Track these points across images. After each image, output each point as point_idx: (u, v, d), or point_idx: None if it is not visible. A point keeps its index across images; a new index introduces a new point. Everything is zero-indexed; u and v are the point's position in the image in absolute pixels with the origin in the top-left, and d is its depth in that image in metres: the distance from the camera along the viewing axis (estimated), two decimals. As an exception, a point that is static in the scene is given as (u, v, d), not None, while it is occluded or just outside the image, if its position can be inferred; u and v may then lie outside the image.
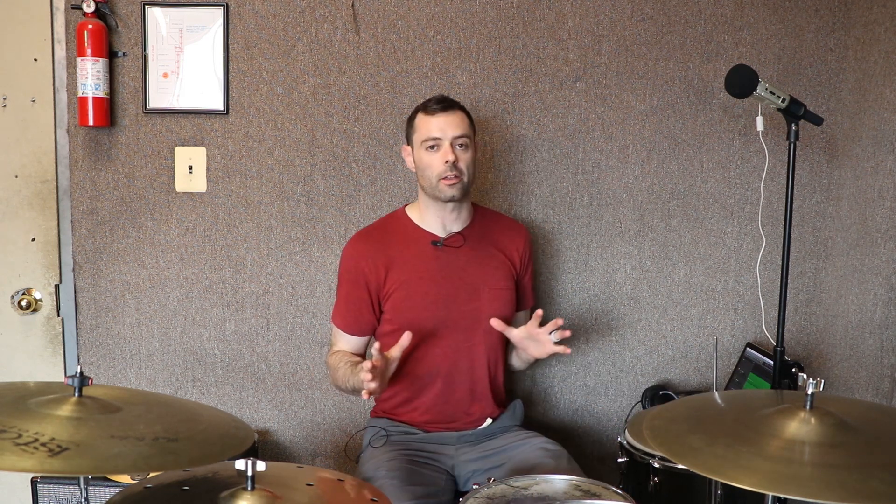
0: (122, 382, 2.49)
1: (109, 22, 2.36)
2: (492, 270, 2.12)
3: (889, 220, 2.15)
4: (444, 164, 1.98)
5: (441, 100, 2.05)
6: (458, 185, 2.00)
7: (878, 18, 2.24)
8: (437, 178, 2.00)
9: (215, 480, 1.33)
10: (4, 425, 1.17)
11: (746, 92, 2.01)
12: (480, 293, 2.08)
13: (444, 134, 2.00)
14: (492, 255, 2.14)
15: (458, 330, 2.07)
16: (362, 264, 2.09)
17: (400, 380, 2.09)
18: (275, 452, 2.52)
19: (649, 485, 1.88)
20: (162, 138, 2.43)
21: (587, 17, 2.39)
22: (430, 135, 2.01)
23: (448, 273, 2.07)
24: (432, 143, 2.00)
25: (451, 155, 1.98)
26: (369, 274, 2.08)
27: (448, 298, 2.06)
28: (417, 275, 2.07)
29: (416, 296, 2.06)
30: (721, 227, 2.46)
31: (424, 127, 2.03)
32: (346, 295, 2.13)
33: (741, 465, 1.18)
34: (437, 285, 2.06)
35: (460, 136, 2.01)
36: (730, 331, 2.49)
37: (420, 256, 2.08)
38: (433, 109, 2.02)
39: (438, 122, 2.01)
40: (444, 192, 2.01)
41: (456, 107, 2.05)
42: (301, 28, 2.39)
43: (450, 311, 2.06)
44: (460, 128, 2.01)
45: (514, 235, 2.20)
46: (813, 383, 1.29)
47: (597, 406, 2.53)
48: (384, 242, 2.11)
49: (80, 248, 2.47)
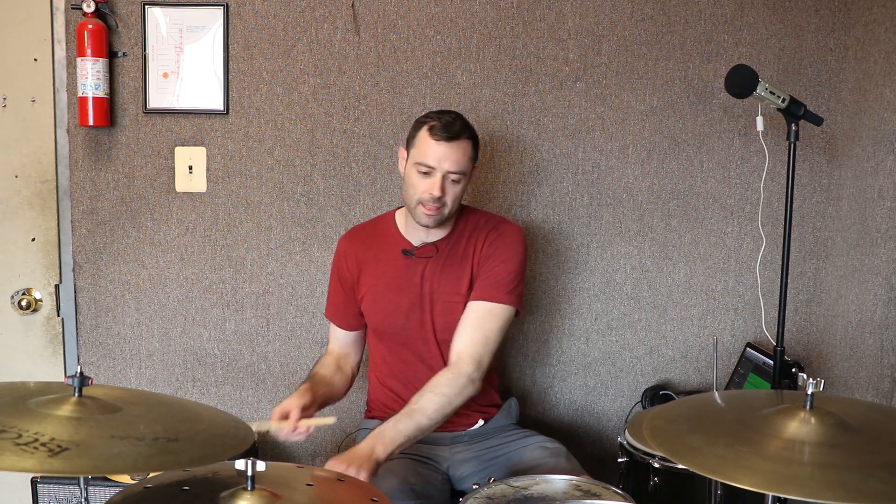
0: (122, 382, 2.49)
1: (109, 22, 2.36)
2: (452, 281, 2.02)
3: (889, 220, 2.15)
4: (428, 195, 1.90)
5: (449, 126, 1.91)
6: (436, 217, 1.93)
7: (878, 18, 2.24)
8: (417, 203, 1.93)
9: (215, 480, 1.33)
10: (4, 425, 1.17)
11: (746, 92, 2.01)
12: (434, 305, 2.03)
13: (439, 166, 1.90)
14: (459, 263, 2.03)
15: (416, 340, 2.06)
16: (342, 261, 2.12)
17: (382, 384, 2.12)
18: (275, 452, 2.52)
19: (649, 485, 1.88)
20: (162, 138, 2.43)
21: (587, 17, 2.39)
22: (425, 160, 1.91)
23: (409, 283, 2.04)
24: (426, 169, 1.91)
25: (439, 190, 1.89)
26: (346, 272, 2.11)
27: (407, 309, 2.04)
28: (385, 281, 2.06)
29: (381, 302, 2.06)
30: (721, 227, 2.46)
31: (423, 149, 1.92)
32: (332, 288, 2.18)
33: (741, 465, 1.18)
34: (399, 294, 2.04)
35: (455, 173, 1.91)
36: (730, 331, 2.49)
37: (390, 263, 2.06)
38: (439, 136, 1.90)
39: (437, 152, 1.90)
40: (419, 218, 1.95)
41: (463, 136, 1.92)
42: (301, 28, 2.39)
43: (409, 321, 2.04)
44: (458, 164, 1.91)
45: (490, 234, 2.04)
46: (813, 383, 1.29)
47: (597, 406, 2.53)
48: (365, 244, 2.11)
49: (80, 248, 2.47)
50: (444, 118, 1.93)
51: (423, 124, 1.95)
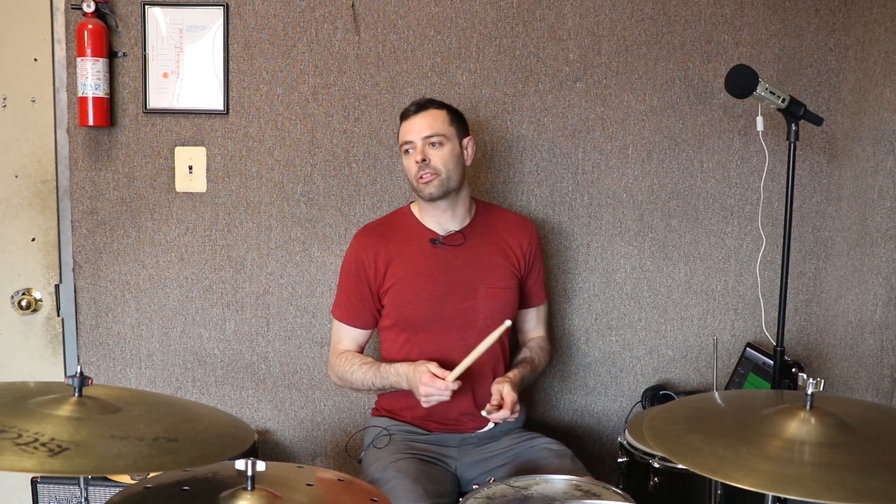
0: (122, 382, 2.49)
1: (109, 22, 2.36)
2: (491, 269, 2.11)
3: (889, 220, 2.15)
4: (416, 165, 2.02)
5: (417, 102, 2.08)
6: (435, 183, 2.02)
7: (878, 18, 2.24)
8: (415, 179, 2.04)
9: (215, 480, 1.33)
10: (4, 425, 1.17)
11: (746, 92, 2.01)
12: (477, 292, 2.08)
13: (414, 136, 2.03)
14: (493, 253, 2.13)
15: (453, 328, 2.06)
16: (363, 258, 2.11)
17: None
18: (275, 452, 2.52)
19: (649, 485, 1.88)
20: (162, 138, 2.43)
21: (587, 17, 2.39)
22: (403, 139, 2.06)
23: (445, 271, 2.08)
24: (406, 146, 2.05)
25: (420, 154, 2.01)
26: (369, 268, 2.10)
27: (444, 296, 2.06)
28: (414, 270, 2.07)
29: (412, 291, 2.07)
30: (721, 227, 2.46)
31: (402, 132, 2.08)
32: (347, 287, 2.15)
33: (741, 465, 1.18)
34: (434, 282, 2.07)
35: (431, 136, 2.02)
36: (730, 331, 2.49)
37: (419, 253, 2.09)
38: (408, 113, 2.07)
39: (409, 125, 2.05)
40: (422, 191, 2.04)
41: (430, 106, 2.06)
42: (301, 28, 2.39)
43: (445, 309, 2.06)
44: (431, 127, 2.03)
45: (518, 231, 2.19)
46: (813, 383, 1.29)
47: (597, 406, 2.53)
48: (387, 238, 2.12)
49: (80, 248, 2.47)
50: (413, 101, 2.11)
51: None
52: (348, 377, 2.11)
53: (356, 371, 2.08)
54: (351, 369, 2.09)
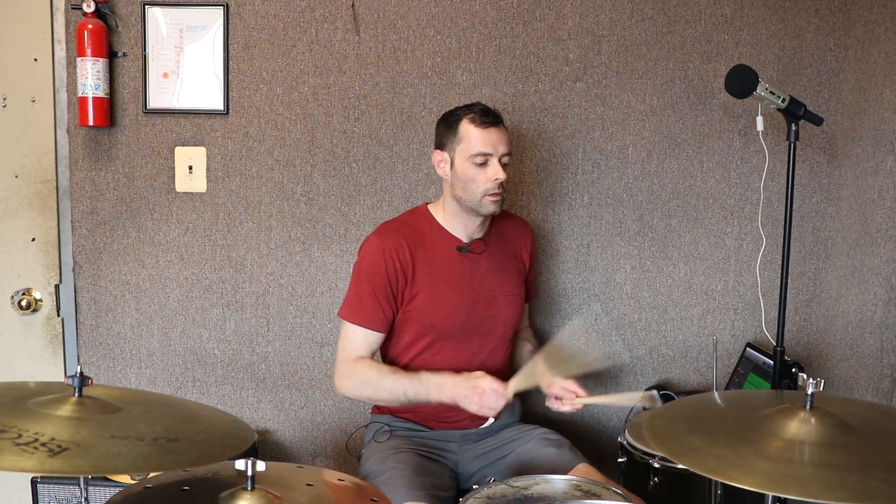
0: (122, 382, 2.49)
1: (109, 22, 2.36)
2: (507, 276, 2.12)
3: (889, 220, 2.15)
4: (493, 182, 1.95)
5: (488, 111, 1.98)
6: (500, 202, 2.00)
7: (878, 18, 2.24)
8: (483, 194, 1.96)
9: (215, 480, 1.33)
10: (4, 425, 1.17)
11: (746, 92, 2.01)
12: (497, 300, 2.08)
13: (495, 150, 1.95)
14: (507, 260, 2.14)
15: (476, 335, 2.06)
16: (390, 258, 2.00)
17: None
18: (275, 452, 2.52)
19: (649, 485, 1.88)
20: (162, 138, 2.43)
21: (587, 17, 2.39)
22: (481, 149, 1.94)
23: (470, 279, 2.06)
24: (483, 158, 1.95)
25: (503, 174, 1.95)
26: (395, 271, 2.00)
27: (469, 304, 2.05)
28: (443, 278, 2.04)
29: (441, 299, 2.03)
30: (721, 227, 2.46)
31: (475, 139, 1.95)
32: (367, 288, 2.01)
33: (741, 465, 1.18)
34: (460, 291, 2.05)
35: (508, 154, 1.98)
36: (730, 331, 2.49)
37: (446, 260, 2.05)
38: (484, 122, 1.95)
39: (490, 137, 1.95)
40: (487, 208, 1.99)
41: (502, 121, 2.00)
42: (301, 28, 2.39)
43: (470, 317, 2.05)
44: (509, 145, 1.99)
45: (522, 235, 2.20)
46: (813, 383, 1.29)
47: (597, 406, 2.53)
48: (413, 241, 2.03)
49: (80, 248, 2.47)
50: (475, 108, 1.99)
51: (459, 119, 1.99)
52: (374, 383, 1.98)
53: (385, 379, 1.97)
54: (379, 376, 1.98)
